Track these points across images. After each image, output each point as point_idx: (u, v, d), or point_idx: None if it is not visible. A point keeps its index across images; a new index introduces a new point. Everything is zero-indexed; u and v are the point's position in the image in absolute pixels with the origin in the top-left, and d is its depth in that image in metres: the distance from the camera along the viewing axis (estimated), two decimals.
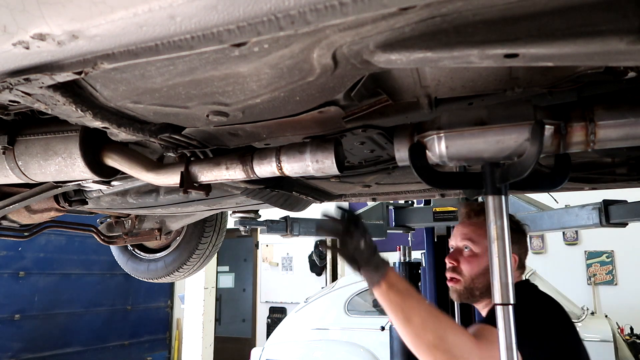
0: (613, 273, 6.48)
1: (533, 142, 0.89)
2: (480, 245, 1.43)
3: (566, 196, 3.95)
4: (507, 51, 0.61)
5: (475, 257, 1.42)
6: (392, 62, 0.66)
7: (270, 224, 3.16)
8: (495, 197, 1.00)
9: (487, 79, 0.91)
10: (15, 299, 6.12)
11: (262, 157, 1.13)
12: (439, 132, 0.97)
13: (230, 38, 0.59)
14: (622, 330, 5.01)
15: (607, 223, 2.38)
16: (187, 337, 5.91)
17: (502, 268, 0.97)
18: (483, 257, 1.41)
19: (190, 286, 5.89)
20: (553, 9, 0.57)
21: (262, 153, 1.14)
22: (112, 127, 0.95)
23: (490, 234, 1.00)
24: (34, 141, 1.14)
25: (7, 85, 0.75)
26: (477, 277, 1.41)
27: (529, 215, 2.93)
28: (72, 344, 6.71)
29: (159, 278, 2.78)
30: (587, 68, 0.86)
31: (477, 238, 1.44)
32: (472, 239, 1.44)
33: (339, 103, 0.94)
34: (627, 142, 0.92)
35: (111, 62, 0.67)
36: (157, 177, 1.26)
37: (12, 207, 1.69)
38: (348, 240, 1.13)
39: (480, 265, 1.41)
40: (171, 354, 8.36)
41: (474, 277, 1.41)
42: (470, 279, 1.41)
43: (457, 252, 1.46)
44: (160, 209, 1.96)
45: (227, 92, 0.82)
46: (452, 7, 0.56)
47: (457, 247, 1.47)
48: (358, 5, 0.53)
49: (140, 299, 7.89)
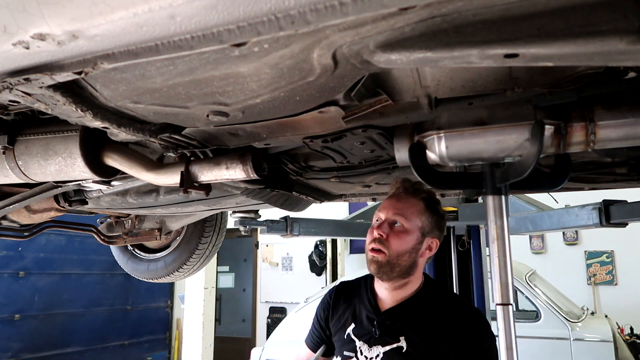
0: (613, 273, 6.49)
1: (533, 142, 0.89)
2: (411, 223, 1.41)
3: (566, 196, 3.95)
4: (507, 51, 0.61)
5: (405, 232, 1.40)
6: (392, 62, 0.66)
7: (270, 224, 3.16)
8: (495, 197, 1.01)
9: (487, 79, 0.91)
10: (15, 299, 6.12)
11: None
12: (439, 132, 0.97)
13: (230, 38, 0.60)
14: (622, 330, 5.01)
15: (607, 223, 2.38)
16: (187, 337, 5.90)
17: (502, 268, 0.97)
18: (412, 235, 1.40)
19: (190, 286, 5.89)
20: (553, 9, 0.57)
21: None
22: (112, 127, 0.95)
23: (490, 234, 1.00)
24: (34, 141, 1.14)
25: (7, 85, 0.75)
26: (403, 255, 1.39)
27: (529, 215, 2.93)
28: (72, 344, 6.71)
29: (159, 278, 2.79)
30: (587, 68, 0.86)
31: (409, 215, 1.41)
32: (405, 215, 1.41)
33: (339, 103, 0.94)
34: (627, 142, 0.92)
35: (111, 62, 0.67)
36: (157, 177, 1.26)
37: (12, 207, 1.69)
38: None
39: (408, 243, 1.39)
40: (171, 354, 8.36)
41: (400, 253, 1.38)
42: (396, 254, 1.38)
43: (387, 224, 1.41)
44: (160, 209, 1.96)
45: (227, 92, 0.82)
46: (452, 7, 0.56)
47: (387, 220, 1.42)
48: (358, 5, 0.53)
49: (140, 299, 7.89)
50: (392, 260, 1.38)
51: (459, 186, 1.15)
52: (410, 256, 1.40)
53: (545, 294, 4.98)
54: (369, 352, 1.39)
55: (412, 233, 1.40)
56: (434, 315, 1.41)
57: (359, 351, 1.41)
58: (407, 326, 1.39)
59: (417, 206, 1.43)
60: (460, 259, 3.20)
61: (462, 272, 3.17)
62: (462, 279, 3.16)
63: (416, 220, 1.41)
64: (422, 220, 1.42)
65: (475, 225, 3.15)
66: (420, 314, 1.41)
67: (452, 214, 3.11)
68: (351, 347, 1.44)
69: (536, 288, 4.99)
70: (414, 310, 1.42)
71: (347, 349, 1.45)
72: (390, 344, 1.37)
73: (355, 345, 1.43)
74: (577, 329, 4.65)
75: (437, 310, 1.42)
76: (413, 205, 1.43)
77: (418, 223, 1.41)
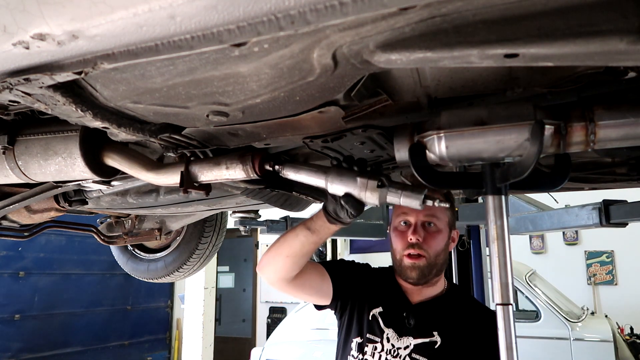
0: (613, 273, 6.49)
1: (533, 142, 0.89)
2: (442, 221, 1.41)
3: (566, 196, 3.95)
4: (507, 51, 0.61)
5: (438, 232, 1.40)
6: (392, 62, 0.66)
7: (270, 224, 3.17)
8: (495, 197, 1.00)
9: (487, 79, 0.91)
10: (15, 299, 6.12)
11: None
12: (439, 132, 0.97)
13: (230, 38, 0.59)
14: (622, 330, 5.01)
15: (607, 223, 2.38)
16: (187, 337, 5.91)
17: (502, 268, 0.97)
18: (444, 233, 1.41)
19: (190, 286, 5.90)
20: (553, 9, 0.57)
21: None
22: (112, 127, 0.95)
23: (490, 234, 1.00)
24: (34, 141, 1.14)
25: (7, 85, 0.75)
26: (439, 255, 1.39)
27: (529, 215, 2.93)
28: (72, 344, 6.71)
29: (159, 278, 2.79)
30: (587, 68, 0.86)
31: (439, 213, 1.41)
32: (436, 215, 1.40)
33: (339, 103, 0.94)
34: (627, 142, 0.92)
35: (111, 62, 0.67)
36: (157, 177, 1.26)
37: (12, 207, 1.69)
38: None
39: (443, 242, 1.40)
40: (171, 354, 8.36)
41: (438, 254, 1.39)
42: (435, 256, 1.38)
43: (420, 227, 1.40)
44: (160, 209, 1.96)
45: (227, 92, 0.82)
46: (452, 7, 0.56)
47: (418, 222, 1.40)
48: (358, 5, 0.53)
49: (140, 299, 7.89)
50: (432, 262, 1.38)
51: (459, 186, 1.15)
52: (445, 253, 1.41)
53: (545, 294, 4.99)
54: (397, 341, 1.36)
55: (444, 231, 1.41)
56: (465, 317, 1.42)
57: (386, 338, 1.37)
58: (441, 322, 1.38)
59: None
60: (460, 259, 3.20)
61: (462, 272, 3.17)
62: (462, 279, 3.16)
63: (444, 217, 1.42)
64: (447, 215, 1.43)
65: (475, 225, 3.15)
66: (452, 313, 1.42)
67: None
68: (376, 331, 1.40)
69: (536, 288, 4.99)
70: (446, 308, 1.43)
71: (371, 332, 1.40)
72: (423, 337, 1.36)
73: (381, 330, 1.39)
74: (577, 329, 4.66)
75: (466, 312, 1.44)
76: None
77: (445, 219, 1.42)
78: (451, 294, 1.48)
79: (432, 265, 1.38)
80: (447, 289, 1.48)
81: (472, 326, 1.39)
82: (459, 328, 1.38)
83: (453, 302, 1.46)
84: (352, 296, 1.50)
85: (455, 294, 1.49)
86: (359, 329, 1.43)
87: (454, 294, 1.49)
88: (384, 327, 1.39)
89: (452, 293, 1.49)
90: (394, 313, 1.42)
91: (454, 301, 1.46)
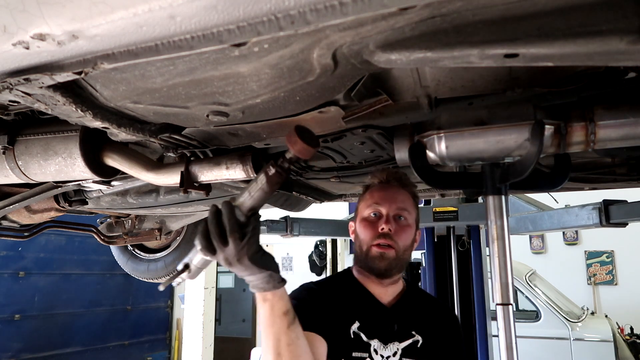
0: (613, 273, 6.49)
1: (533, 142, 0.89)
2: (412, 217, 1.36)
3: (566, 196, 3.95)
4: (507, 51, 0.61)
5: (409, 227, 1.34)
6: (392, 62, 0.66)
7: (270, 224, 3.17)
8: (495, 197, 1.01)
9: (487, 79, 0.91)
10: (15, 299, 6.12)
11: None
12: (439, 132, 0.97)
13: (230, 38, 0.59)
14: (622, 330, 5.01)
15: (607, 223, 2.38)
16: (187, 337, 5.90)
17: (502, 268, 0.98)
18: (413, 229, 1.36)
19: (190, 286, 5.89)
20: (553, 9, 0.57)
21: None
22: (112, 127, 0.95)
23: (490, 234, 1.00)
24: (34, 141, 1.14)
25: (7, 85, 0.75)
26: (407, 249, 1.34)
27: (529, 215, 2.93)
28: (72, 344, 6.71)
29: (159, 278, 2.78)
30: (587, 68, 0.86)
31: (410, 209, 1.36)
32: (408, 209, 1.35)
33: (339, 103, 0.94)
34: (627, 142, 0.92)
35: (111, 62, 0.67)
36: (157, 177, 1.26)
37: (12, 207, 1.69)
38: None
39: (411, 237, 1.35)
40: (171, 354, 8.36)
41: (406, 248, 1.33)
42: (404, 249, 1.32)
43: (392, 219, 1.33)
44: (160, 209, 1.96)
45: (227, 92, 0.82)
46: (452, 7, 0.56)
47: (391, 214, 1.34)
48: (358, 5, 0.53)
49: (140, 299, 7.89)
50: (401, 256, 1.32)
51: (459, 186, 1.15)
52: (411, 249, 1.37)
53: (545, 294, 4.99)
54: (385, 350, 1.30)
55: (413, 227, 1.37)
56: (430, 311, 1.42)
57: (373, 350, 1.30)
58: (416, 320, 1.37)
59: (412, 199, 1.40)
60: (460, 259, 3.20)
61: (462, 272, 3.17)
62: (462, 279, 3.16)
63: (414, 213, 1.38)
64: (416, 212, 1.40)
65: (475, 225, 3.15)
66: (420, 309, 1.41)
67: (452, 214, 3.11)
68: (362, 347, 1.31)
69: (536, 288, 4.99)
70: (414, 305, 1.41)
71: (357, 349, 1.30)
72: (407, 339, 1.33)
73: (367, 344, 1.31)
74: (577, 329, 4.66)
75: (430, 306, 1.44)
76: (410, 198, 1.39)
77: (414, 216, 1.38)
78: (412, 291, 1.45)
79: (400, 259, 1.32)
80: (407, 286, 1.45)
81: (438, 319, 1.41)
82: (430, 323, 1.38)
83: (417, 298, 1.44)
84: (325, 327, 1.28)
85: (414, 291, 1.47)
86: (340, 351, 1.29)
87: (414, 291, 1.47)
88: (367, 340, 1.31)
89: (412, 290, 1.46)
90: (373, 322, 1.33)
91: (417, 297, 1.45)
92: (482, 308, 3.06)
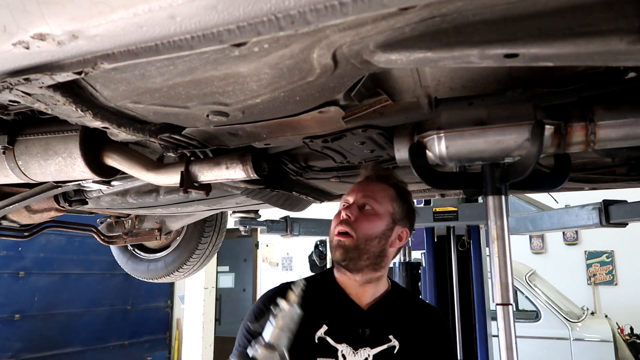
0: (613, 273, 6.49)
1: (533, 142, 0.89)
2: (382, 207, 1.29)
3: (566, 196, 3.95)
4: (507, 51, 0.61)
5: (375, 216, 1.28)
6: (392, 62, 0.66)
7: (270, 224, 3.17)
8: (495, 197, 1.00)
9: (487, 79, 0.91)
10: (15, 299, 6.11)
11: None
12: (439, 132, 0.97)
13: (230, 38, 0.59)
14: (622, 330, 5.02)
15: (607, 223, 2.38)
16: (187, 337, 5.91)
17: (502, 268, 0.97)
18: (382, 220, 1.28)
19: (190, 286, 5.90)
20: (553, 9, 0.57)
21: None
22: (112, 127, 0.95)
23: (490, 234, 1.00)
24: (34, 141, 1.14)
25: (7, 85, 0.75)
26: (372, 240, 1.26)
27: (529, 215, 2.93)
28: (72, 344, 6.70)
29: (159, 278, 2.79)
30: (587, 68, 0.86)
31: (380, 199, 1.30)
32: (375, 198, 1.29)
33: (339, 103, 0.94)
34: (627, 142, 0.92)
35: (111, 62, 0.67)
36: (157, 177, 1.26)
37: (12, 207, 1.69)
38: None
39: (378, 228, 1.27)
40: (171, 354, 8.36)
41: (369, 238, 1.25)
42: (365, 239, 1.25)
43: (356, 207, 1.29)
44: (160, 209, 1.96)
45: (227, 92, 0.82)
46: (452, 7, 0.56)
47: (356, 203, 1.30)
48: (358, 5, 0.53)
49: (140, 299, 7.88)
50: (361, 245, 1.25)
51: (459, 186, 1.15)
52: (380, 242, 1.27)
53: (545, 294, 4.99)
54: (354, 356, 1.24)
55: (382, 218, 1.29)
56: (414, 315, 1.35)
57: (341, 356, 1.23)
58: (395, 324, 1.30)
59: (388, 191, 1.33)
60: (460, 259, 3.20)
61: (462, 272, 3.17)
62: (462, 279, 3.16)
63: (387, 205, 1.31)
64: (393, 206, 1.32)
65: (475, 225, 3.15)
66: (403, 313, 1.34)
67: (452, 214, 3.11)
68: (328, 352, 1.24)
69: (536, 288, 4.99)
70: (396, 308, 1.34)
71: (322, 355, 1.23)
72: (381, 344, 1.25)
73: (335, 350, 1.24)
74: (577, 329, 4.66)
75: (414, 311, 1.37)
76: (384, 190, 1.33)
77: (389, 208, 1.31)
78: (396, 293, 1.38)
79: (361, 249, 1.25)
80: (391, 288, 1.38)
81: (422, 325, 1.33)
82: (412, 328, 1.30)
83: (400, 301, 1.37)
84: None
85: (399, 293, 1.40)
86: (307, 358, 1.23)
87: (399, 293, 1.40)
88: (335, 344, 1.24)
89: (397, 292, 1.39)
90: (343, 325, 1.27)
91: (401, 300, 1.38)
92: (482, 308, 3.06)
